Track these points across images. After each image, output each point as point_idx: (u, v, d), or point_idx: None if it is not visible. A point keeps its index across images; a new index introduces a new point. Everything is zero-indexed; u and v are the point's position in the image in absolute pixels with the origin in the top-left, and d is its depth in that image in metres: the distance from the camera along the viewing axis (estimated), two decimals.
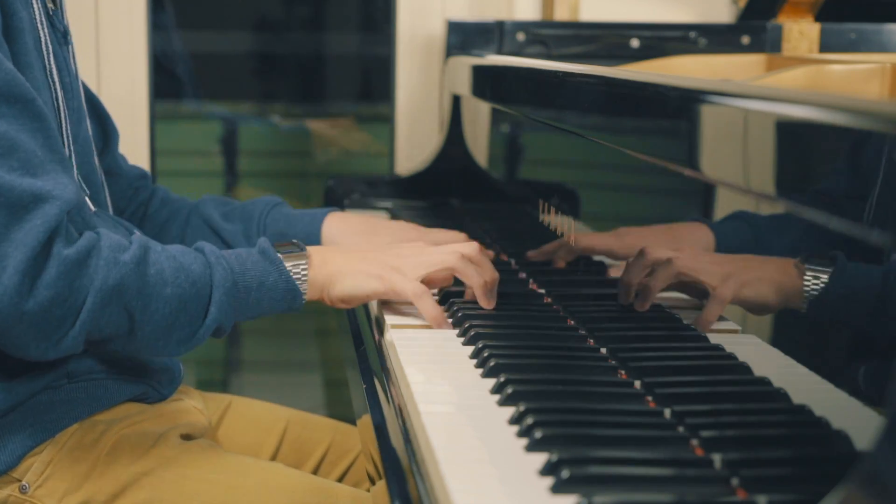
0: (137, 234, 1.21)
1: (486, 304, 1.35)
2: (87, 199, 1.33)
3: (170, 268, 1.19)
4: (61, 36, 1.33)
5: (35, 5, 1.25)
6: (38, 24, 1.26)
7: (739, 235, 1.07)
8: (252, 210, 1.57)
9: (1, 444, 1.25)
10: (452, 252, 1.36)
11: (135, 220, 1.60)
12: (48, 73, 1.26)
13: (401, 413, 1.09)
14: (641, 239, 1.30)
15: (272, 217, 1.56)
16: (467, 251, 1.36)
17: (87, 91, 1.52)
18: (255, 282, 1.25)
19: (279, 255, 1.28)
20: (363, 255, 1.35)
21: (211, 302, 1.21)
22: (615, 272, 1.34)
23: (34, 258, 1.08)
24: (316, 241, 1.54)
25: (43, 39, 1.26)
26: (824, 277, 0.90)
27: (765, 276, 1.02)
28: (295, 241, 1.33)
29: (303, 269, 1.29)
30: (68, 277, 1.10)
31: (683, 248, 1.20)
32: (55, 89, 1.27)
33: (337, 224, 1.57)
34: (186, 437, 1.39)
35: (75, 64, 1.38)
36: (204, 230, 1.57)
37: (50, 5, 1.32)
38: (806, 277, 0.92)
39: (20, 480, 1.26)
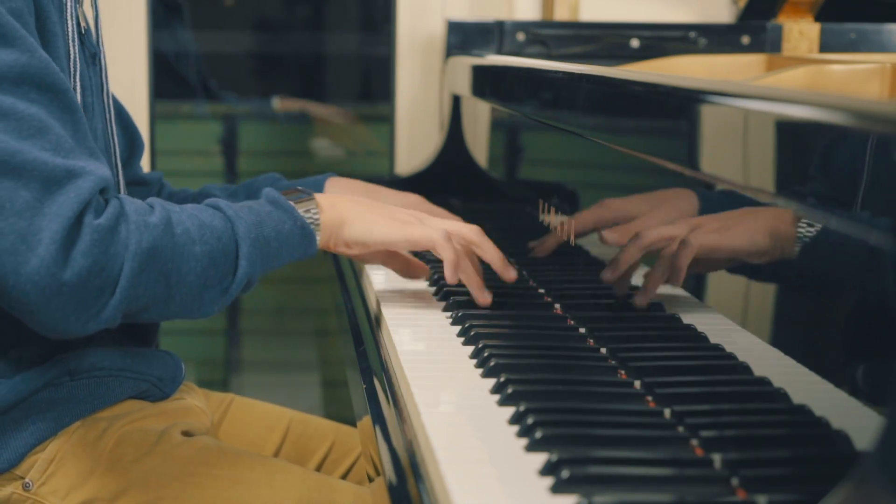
0: (154, 198, 1.21)
1: (507, 275, 1.38)
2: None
3: (194, 226, 1.18)
4: (90, 56, 1.34)
5: (70, 22, 1.27)
6: (70, 41, 1.27)
7: (728, 204, 1.06)
8: (254, 186, 1.59)
9: (3, 442, 1.25)
10: (472, 227, 1.37)
11: None
12: (73, 90, 1.27)
13: (401, 413, 1.09)
14: (627, 205, 1.30)
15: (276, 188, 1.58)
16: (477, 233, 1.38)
17: (117, 103, 1.54)
18: (273, 231, 1.25)
19: (290, 202, 1.28)
20: (372, 205, 1.36)
21: (239, 255, 1.20)
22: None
23: (68, 229, 1.08)
24: None
25: (72, 56, 1.27)
26: (819, 226, 0.90)
27: (751, 223, 1.02)
28: (300, 187, 1.34)
29: (314, 213, 1.29)
30: (102, 244, 1.10)
31: (667, 216, 1.20)
32: None
33: (339, 187, 1.60)
34: (188, 435, 1.39)
35: (107, 85, 1.40)
36: None
37: (83, 24, 1.33)
38: (801, 223, 0.92)
39: (23, 478, 1.26)
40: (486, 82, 1.95)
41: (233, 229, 1.21)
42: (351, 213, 1.33)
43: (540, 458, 0.91)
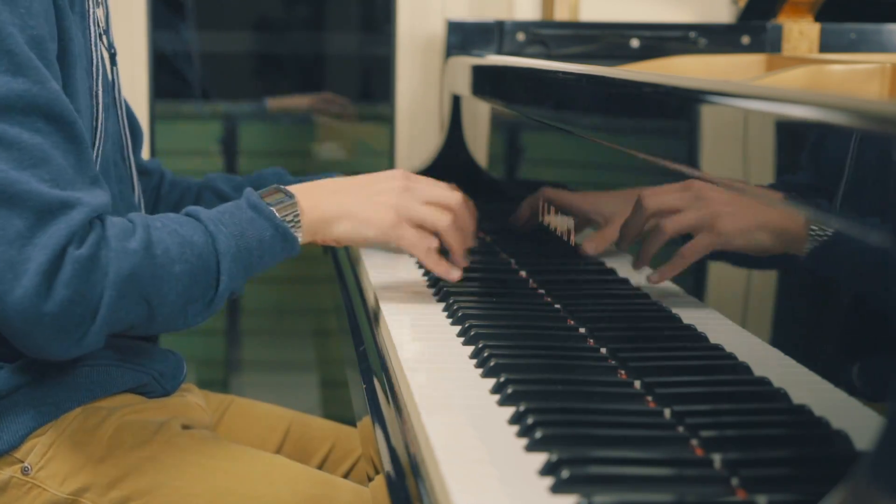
0: (137, 214, 1.23)
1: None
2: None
3: (174, 244, 1.20)
4: (111, 57, 1.39)
5: (91, 27, 1.30)
6: (92, 46, 1.30)
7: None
8: (260, 180, 1.62)
9: (4, 424, 1.26)
10: (452, 198, 1.38)
11: (149, 204, 1.65)
12: (94, 94, 1.31)
13: (401, 413, 1.09)
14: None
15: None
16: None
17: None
18: (255, 241, 1.27)
19: (270, 207, 1.30)
20: (349, 190, 1.36)
21: (220, 271, 1.23)
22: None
23: (52, 261, 1.11)
24: None
25: (95, 61, 1.31)
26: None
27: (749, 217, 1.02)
28: (279, 186, 1.34)
29: (294, 216, 1.31)
30: (83, 274, 1.13)
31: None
32: (97, 111, 1.31)
33: None
34: (188, 429, 1.39)
35: (119, 81, 1.43)
36: (216, 204, 1.59)
37: (102, 25, 1.37)
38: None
39: (23, 461, 1.27)
40: (486, 82, 1.95)
41: (213, 245, 1.23)
42: (334, 209, 1.34)
43: (540, 458, 0.91)
